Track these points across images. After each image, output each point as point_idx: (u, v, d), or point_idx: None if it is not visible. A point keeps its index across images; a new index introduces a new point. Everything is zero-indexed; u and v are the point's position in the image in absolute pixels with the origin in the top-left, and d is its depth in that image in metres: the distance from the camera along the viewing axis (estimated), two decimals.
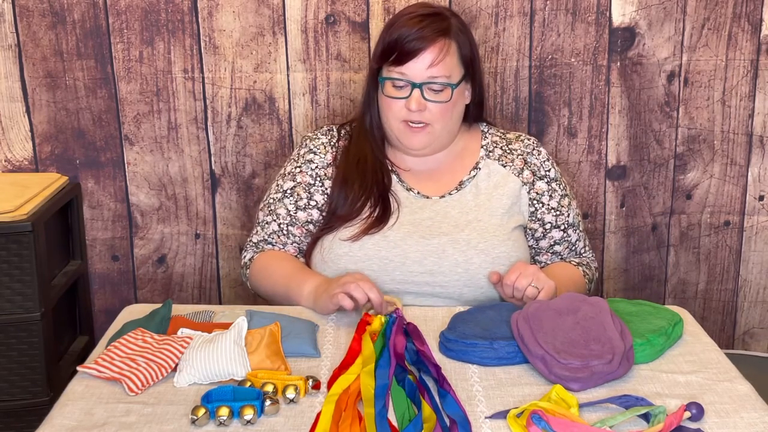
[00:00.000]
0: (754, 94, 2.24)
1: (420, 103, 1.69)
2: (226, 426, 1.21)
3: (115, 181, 2.22)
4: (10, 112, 2.17)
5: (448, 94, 1.71)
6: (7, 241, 1.89)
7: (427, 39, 1.68)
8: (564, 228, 1.81)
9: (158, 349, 1.38)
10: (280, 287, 1.70)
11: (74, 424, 1.23)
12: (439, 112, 1.71)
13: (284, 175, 1.83)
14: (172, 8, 2.12)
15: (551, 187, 1.80)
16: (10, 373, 1.95)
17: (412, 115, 1.70)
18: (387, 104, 1.73)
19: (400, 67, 1.69)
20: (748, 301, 2.37)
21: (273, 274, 1.73)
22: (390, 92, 1.71)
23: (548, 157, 1.84)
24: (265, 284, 1.76)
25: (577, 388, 1.30)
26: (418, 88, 1.69)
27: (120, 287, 2.29)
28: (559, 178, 1.83)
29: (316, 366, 1.39)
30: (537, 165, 1.81)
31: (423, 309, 1.61)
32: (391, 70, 1.71)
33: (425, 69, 1.68)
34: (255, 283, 1.80)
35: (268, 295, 1.77)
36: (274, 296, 1.74)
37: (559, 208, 1.80)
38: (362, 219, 1.70)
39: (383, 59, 1.72)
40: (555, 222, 1.80)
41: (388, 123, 1.75)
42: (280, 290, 1.70)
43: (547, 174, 1.81)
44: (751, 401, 1.28)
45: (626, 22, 2.17)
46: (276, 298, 1.73)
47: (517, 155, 1.81)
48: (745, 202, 2.31)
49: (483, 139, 1.83)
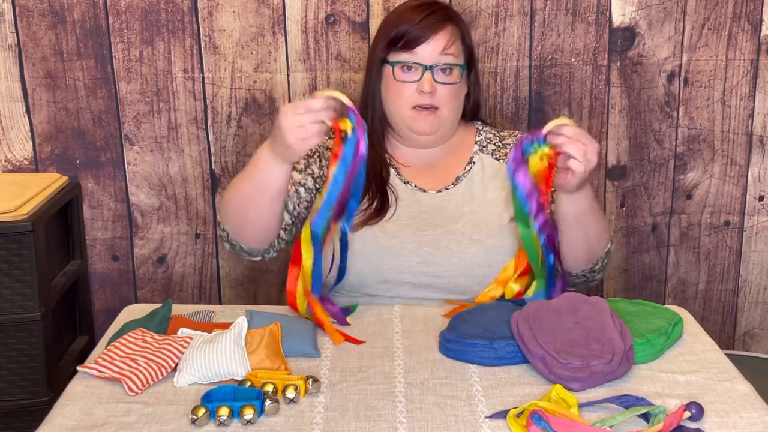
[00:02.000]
0: (754, 94, 2.24)
1: (432, 84, 1.71)
2: (226, 426, 1.21)
3: (115, 181, 2.22)
4: (10, 112, 2.17)
5: (458, 75, 1.74)
6: (7, 241, 1.89)
7: (437, 24, 1.72)
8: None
9: (158, 349, 1.38)
10: (244, 183, 1.61)
11: (74, 424, 1.23)
12: (448, 95, 1.73)
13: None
14: (172, 8, 2.12)
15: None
16: (10, 373, 1.95)
17: (423, 97, 1.71)
18: (397, 89, 1.73)
19: (411, 51, 1.71)
20: (749, 301, 2.37)
21: (235, 182, 1.65)
22: (400, 77, 1.72)
23: None
24: (232, 196, 1.64)
25: (577, 387, 1.30)
26: (429, 71, 1.71)
27: (120, 287, 2.29)
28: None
29: (316, 366, 1.39)
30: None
31: (423, 309, 1.61)
32: (400, 55, 1.73)
33: (437, 52, 1.71)
34: (224, 205, 1.67)
35: (242, 206, 1.63)
36: (244, 196, 1.61)
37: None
38: (361, 210, 1.70)
39: (391, 46, 1.73)
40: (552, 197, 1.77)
41: (398, 110, 1.75)
42: (245, 184, 1.60)
43: None
44: (751, 401, 1.28)
45: (626, 22, 2.17)
46: (247, 198, 1.61)
47: (510, 148, 1.82)
48: (745, 202, 2.31)
49: (477, 135, 1.85)
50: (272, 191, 1.59)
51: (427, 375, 1.36)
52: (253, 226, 1.65)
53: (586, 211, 1.61)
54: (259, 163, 1.57)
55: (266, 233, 1.67)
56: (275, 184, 1.58)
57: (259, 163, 1.57)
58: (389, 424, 1.22)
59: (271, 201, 1.60)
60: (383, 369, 1.38)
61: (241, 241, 1.69)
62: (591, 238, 1.64)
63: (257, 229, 1.66)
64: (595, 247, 1.67)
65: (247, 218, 1.64)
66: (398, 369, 1.38)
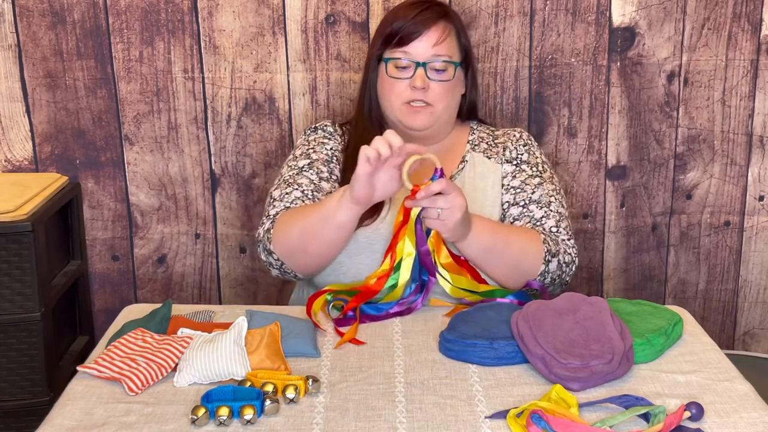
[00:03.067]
0: (754, 94, 2.24)
1: (424, 81, 1.71)
2: (226, 426, 1.21)
3: (115, 181, 2.22)
4: (10, 112, 2.17)
5: (451, 72, 1.74)
6: (7, 241, 1.89)
7: (429, 20, 1.72)
8: (524, 204, 1.74)
9: (158, 349, 1.38)
10: (312, 213, 1.60)
11: (74, 424, 1.23)
12: (442, 92, 1.73)
13: (295, 157, 1.79)
14: (172, 8, 2.12)
15: (519, 168, 1.78)
16: (10, 373, 1.95)
17: (415, 93, 1.71)
18: (390, 85, 1.74)
19: (404, 47, 1.72)
20: (749, 301, 2.37)
21: (302, 211, 1.64)
22: (393, 73, 1.73)
23: (526, 142, 1.82)
24: (294, 224, 1.62)
25: (577, 387, 1.30)
26: (422, 67, 1.71)
27: (120, 287, 2.29)
28: (533, 162, 1.79)
29: (316, 366, 1.39)
30: (510, 149, 1.81)
31: (423, 309, 1.61)
32: (394, 52, 1.73)
33: (429, 48, 1.71)
34: (282, 233, 1.64)
35: (301, 234, 1.61)
36: (308, 228, 1.60)
37: (521, 185, 1.76)
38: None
39: (386, 44, 1.74)
40: (513, 200, 1.75)
41: (391, 105, 1.75)
42: (313, 216, 1.59)
43: (517, 157, 1.80)
44: (751, 401, 1.28)
45: (626, 22, 2.17)
46: (310, 230, 1.60)
47: (501, 146, 1.82)
48: (745, 202, 2.31)
49: (470, 134, 1.85)
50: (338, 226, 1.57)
51: (427, 375, 1.36)
52: (311, 257, 1.64)
53: (487, 247, 1.60)
54: (327, 208, 1.57)
55: (322, 265, 1.67)
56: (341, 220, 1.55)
57: (327, 208, 1.56)
58: (389, 424, 1.22)
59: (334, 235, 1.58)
60: (383, 369, 1.38)
61: (290, 264, 1.66)
62: (509, 265, 1.62)
63: (314, 261, 1.65)
64: (522, 271, 1.63)
65: (306, 248, 1.62)
66: (398, 369, 1.38)
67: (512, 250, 1.62)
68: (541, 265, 1.64)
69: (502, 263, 1.62)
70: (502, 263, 1.62)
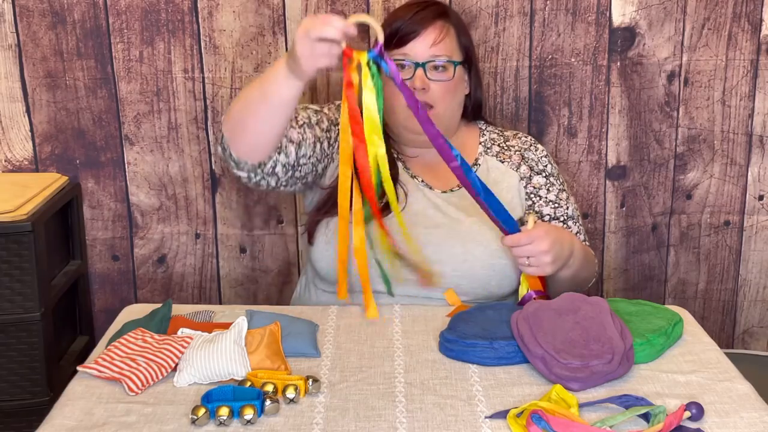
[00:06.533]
0: (754, 94, 2.24)
1: (424, 81, 1.71)
2: (226, 426, 1.21)
3: (115, 181, 2.22)
4: (10, 112, 2.17)
5: (451, 72, 1.74)
6: (7, 241, 1.89)
7: (427, 19, 1.72)
8: (564, 220, 1.80)
9: (158, 349, 1.38)
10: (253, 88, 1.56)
11: (74, 424, 1.23)
12: (442, 91, 1.73)
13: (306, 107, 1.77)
14: (172, 8, 2.12)
15: (549, 182, 1.81)
16: (10, 373, 1.95)
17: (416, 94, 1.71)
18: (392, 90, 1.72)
19: (403, 48, 1.72)
20: (748, 300, 2.38)
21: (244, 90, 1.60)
22: None
23: (545, 154, 1.85)
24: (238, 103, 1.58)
25: (577, 387, 1.30)
26: (422, 68, 1.71)
27: (120, 287, 2.29)
28: (556, 174, 1.84)
29: (316, 366, 1.39)
30: (534, 160, 1.83)
31: (423, 309, 1.61)
32: (393, 53, 1.73)
33: (427, 48, 1.71)
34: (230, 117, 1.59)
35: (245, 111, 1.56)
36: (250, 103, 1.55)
37: (557, 200, 1.81)
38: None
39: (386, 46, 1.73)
40: (554, 214, 1.80)
41: (392, 109, 1.74)
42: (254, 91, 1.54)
43: (544, 169, 1.82)
44: (751, 401, 1.28)
45: (626, 22, 2.17)
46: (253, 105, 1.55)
47: (515, 151, 1.83)
48: (745, 202, 2.31)
49: (481, 135, 1.85)
50: (275, 103, 1.51)
51: (427, 375, 1.36)
52: (249, 134, 1.58)
53: (568, 277, 1.68)
54: (271, 71, 1.51)
55: (259, 146, 1.59)
56: (280, 96, 1.51)
57: (272, 71, 1.51)
58: (389, 424, 1.22)
59: (271, 112, 1.53)
60: (383, 369, 1.38)
61: (233, 146, 1.60)
62: (576, 282, 1.72)
63: (251, 139, 1.58)
64: (581, 285, 1.76)
65: (245, 124, 1.57)
66: (398, 369, 1.38)
67: (581, 271, 1.73)
68: (593, 279, 1.82)
69: (571, 281, 1.70)
70: (571, 281, 1.70)
